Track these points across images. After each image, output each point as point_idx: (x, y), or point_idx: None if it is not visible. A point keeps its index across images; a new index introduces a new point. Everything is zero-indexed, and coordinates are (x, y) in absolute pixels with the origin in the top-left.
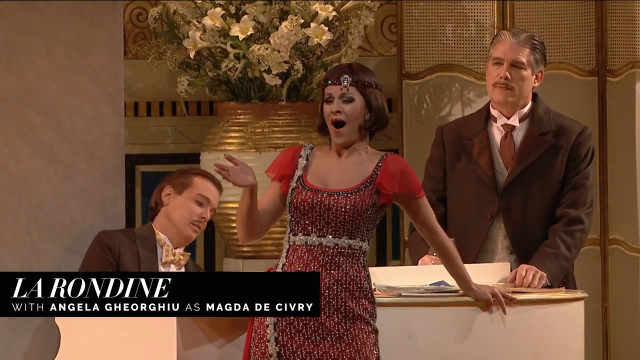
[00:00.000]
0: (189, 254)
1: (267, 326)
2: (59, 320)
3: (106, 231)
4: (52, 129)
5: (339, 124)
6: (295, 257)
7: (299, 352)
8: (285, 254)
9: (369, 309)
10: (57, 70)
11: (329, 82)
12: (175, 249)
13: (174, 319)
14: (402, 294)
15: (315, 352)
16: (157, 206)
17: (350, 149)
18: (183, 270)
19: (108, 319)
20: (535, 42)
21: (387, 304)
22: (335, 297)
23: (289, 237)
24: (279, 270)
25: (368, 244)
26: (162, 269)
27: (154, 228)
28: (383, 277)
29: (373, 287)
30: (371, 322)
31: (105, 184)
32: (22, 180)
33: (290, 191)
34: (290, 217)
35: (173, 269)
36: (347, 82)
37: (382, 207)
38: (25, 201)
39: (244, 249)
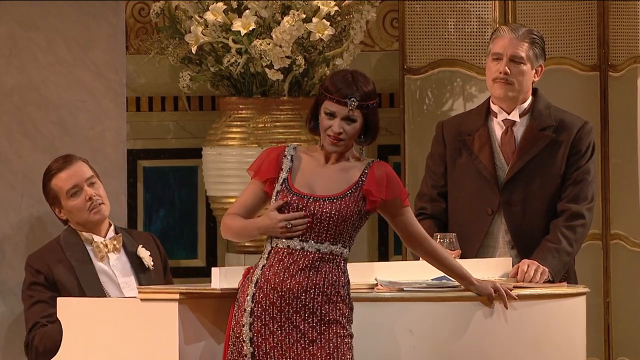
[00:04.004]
0: (120, 235)
1: (243, 326)
2: (60, 315)
3: (32, 256)
4: (53, 123)
5: (338, 140)
6: (276, 259)
7: (272, 353)
8: (267, 255)
9: (346, 313)
10: (59, 65)
11: (335, 99)
12: (105, 237)
13: (176, 314)
14: (404, 289)
15: (288, 354)
16: (64, 221)
17: (339, 154)
18: (122, 252)
19: (109, 314)
20: (534, 36)
21: (389, 298)
22: (311, 301)
23: (271, 239)
24: (258, 270)
25: (349, 251)
26: (101, 265)
27: (76, 230)
28: (385, 272)
29: (375, 281)
30: (347, 326)
31: (107, 179)
32: (23, 174)
33: (275, 194)
34: None
35: (112, 257)
36: (354, 105)
37: (366, 214)
38: (27, 196)
39: (246, 244)
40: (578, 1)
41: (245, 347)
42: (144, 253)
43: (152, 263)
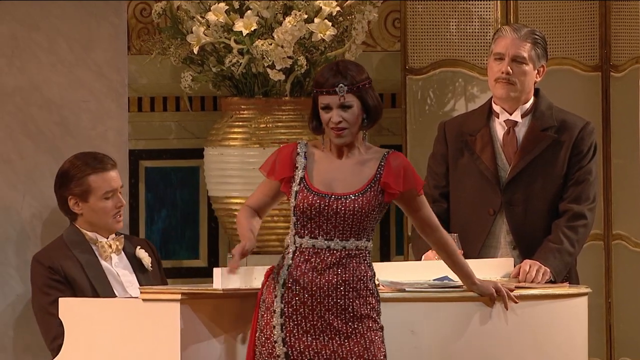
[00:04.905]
0: (122, 236)
1: (274, 327)
2: (62, 315)
3: (40, 254)
4: (55, 124)
5: (340, 129)
6: (302, 259)
7: (306, 352)
8: (292, 255)
9: (376, 307)
10: (61, 65)
11: (324, 91)
12: (107, 238)
13: (178, 314)
14: (406, 289)
15: (324, 352)
16: (72, 214)
17: (350, 146)
18: (122, 254)
19: (111, 314)
20: (536, 36)
21: (391, 299)
22: (342, 298)
23: (294, 239)
24: (284, 271)
25: (371, 243)
26: (105, 264)
27: (80, 229)
28: (387, 272)
29: (377, 282)
30: (378, 319)
31: None
32: (26, 175)
33: (294, 194)
34: (295, 220)
35: (114, 258)
36: (344, 91)
37: (385, 205)
38: (29, 196)
39: None
40: (580, 1)
41: (277, 348)
42: (143, 254)
43: (150, 264)
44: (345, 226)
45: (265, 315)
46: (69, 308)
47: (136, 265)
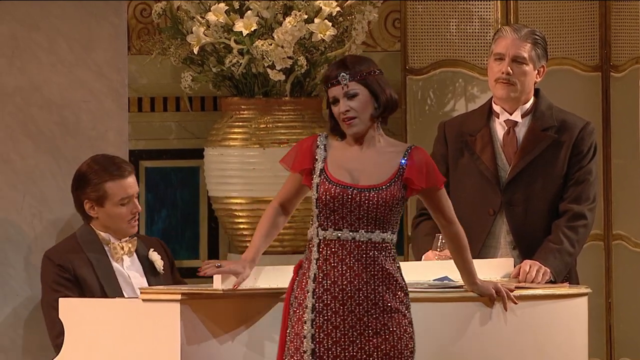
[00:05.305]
0: (135, 238)
1: (305, 322)
2: (62, 316)
3: (51, 251)
4: (55, 124)
5: (349, 119)
6: (328, 251)
7: (333, 349)
8: (317, 248)
9: (404, 300)
10: (61, 66)
11: (329, 84)
12: (121, 240)
13: (178, 314)
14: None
15: (351, 349)
16: (88, 216)
17: (366, 137)
18: (135, 256)
19: (111, 314)
20: (537, 37)
21: None
22: (373, 292)
23: (317, 231)
24: (313, 265)
25: (396, 236)
26: (117, 265)
27: (94, 229)
28: None
29: None
30: (407, 314)
31: None
32: (26, 175)
33: (315, 186)
34: (317, 212)
35: (126, 260)
36: (346, 79)
37: (406, 199)
38: (29, 196)
39: (248, 245)
40: (580, 2)
41: (305, 343)
42: (155, 257)
43: (162, 267)
44: (369, 218)
45: (297, 311)
46: (69, 308)
47: (148, 267)
